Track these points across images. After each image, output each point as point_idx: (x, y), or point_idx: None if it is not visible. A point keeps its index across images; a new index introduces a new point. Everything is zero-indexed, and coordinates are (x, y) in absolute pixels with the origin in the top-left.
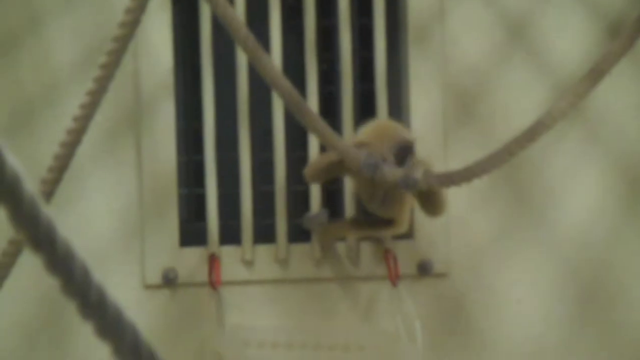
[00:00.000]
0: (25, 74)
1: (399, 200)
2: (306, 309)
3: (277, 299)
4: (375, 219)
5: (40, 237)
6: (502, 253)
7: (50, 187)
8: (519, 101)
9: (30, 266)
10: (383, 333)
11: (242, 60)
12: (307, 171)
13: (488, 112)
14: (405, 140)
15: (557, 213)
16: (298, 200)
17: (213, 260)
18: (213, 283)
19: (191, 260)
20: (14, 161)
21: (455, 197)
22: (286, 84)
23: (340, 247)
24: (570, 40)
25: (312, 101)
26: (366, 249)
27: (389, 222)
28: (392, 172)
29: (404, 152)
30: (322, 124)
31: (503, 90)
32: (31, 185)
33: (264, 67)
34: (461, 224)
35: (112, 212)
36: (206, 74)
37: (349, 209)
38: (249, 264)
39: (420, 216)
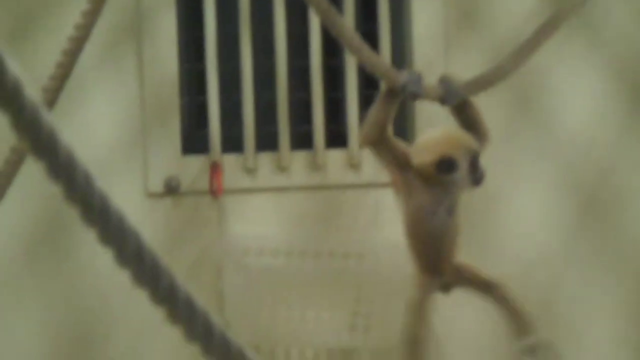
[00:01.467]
0: None
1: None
2: (308, 216)
3: (279, 206)
4: None
5: (42, 143)
6: (505, 159)
7: (52, 95)
8: (520, 7)
9: (32, 174)
10: (383, 241)
11: None
12: (363, 135)
13: (490, 18)
14: (474, 151)
15: (560, 118)
16: (300, 108)
17: (215, 169)
18: (214, 191)
19: (193, 169)
20: (15, 68)
21: None
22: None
23: (341, 154)
24: None
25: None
26: (369, 156)
27: None
28: (433, 87)
29: (475, 163)
30: (358, 40)
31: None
32: (33, 92)
33: None
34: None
35: (114, 120)
36: None
37: (352, 116)
38: (251, 171)
39: (421, 119)
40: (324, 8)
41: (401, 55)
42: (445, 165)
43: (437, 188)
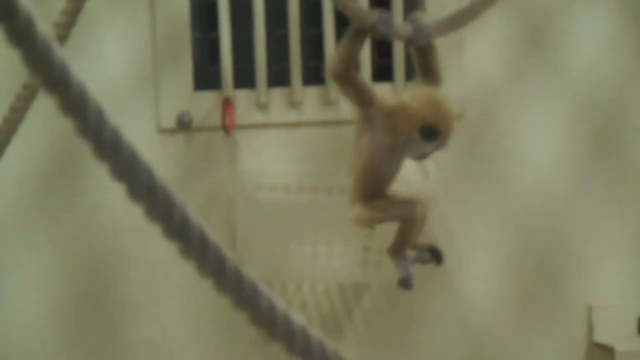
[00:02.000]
0: None
1: None
2: (320, 152)
3: (291, 142)
4: None
5: (54, 78)
6: (516, 94)
7: (64, 30)
8: None
9: (45, 110)
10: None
11: None
12: (330, 69)
13: None
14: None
15: (570, 54)
16: (312, 43)
17: (227, 104)
18: (226, 127)
19: (205, 104)
20: (26, 2)
21: (469, 39)
22: None
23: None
24: None
25: None
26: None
27: None
28: (403, 27)
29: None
30: None
31: None
32: (44, 27)
33: None
34: (475, 64)
35: (126, 56)
36: None
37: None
38: (263, 107)
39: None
40: None
41: None
42: (427, 132)
43: (399, 136)
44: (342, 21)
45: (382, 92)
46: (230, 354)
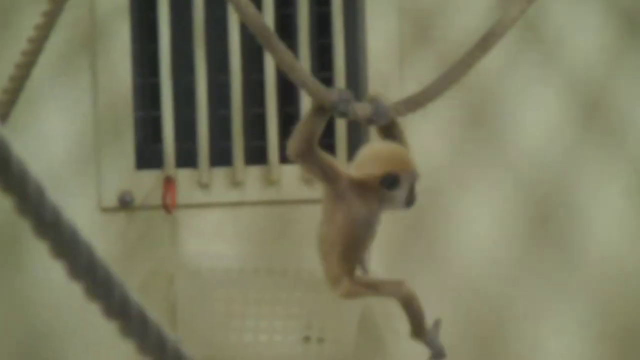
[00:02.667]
0: None
1: None
2: (262, 232)
3: (233, 221)
4: None
5: None
6: (459, 175)
7: (6, 108)
8: (475, 23)
9: None
10: None
11: None
12: (292, 148)
13: (444, 34)
14: (416, 173)
15: (513, 135)
16: (255, 123)
17: (169, 183)
18: (168, 206)
19: (147, 183)
20: None
21: (412, 123)
22: (254, 12)
23: (295, 169)
24: None
25: (268, 23)
26: None
27: None
28: (362, 107)
29: (413, 184)
30: (294, 61)
31: (459, 12)
32: None
33: (244, 12)
34: (419, 148)
35: (68, 134)
36: None
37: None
38: (205, 186)
39: (376, 135)
40: (262, 32)
41: (355, 69)
42: (389, 181)
43: (372, 201)
44: (285, 101)
45: (290, 173)
46: None
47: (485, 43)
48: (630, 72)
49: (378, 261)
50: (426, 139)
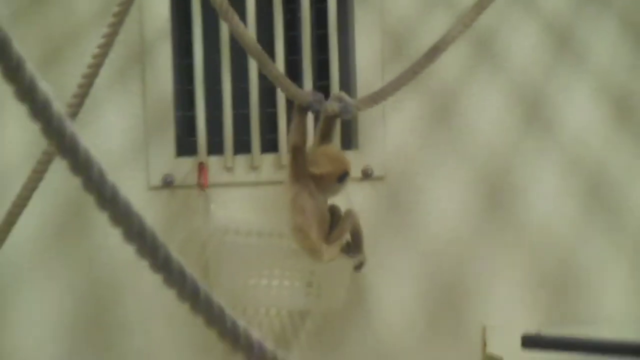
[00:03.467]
0: (56, 21)
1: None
2: (274, 205)
3: (251, 197)
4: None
5: (66, 145)
6: (428, 160)
7: (75, 109)
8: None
9: (59, 170)
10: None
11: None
12: (293, 141)
13: (415, 52)
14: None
15: (469, 128)
16: (268, 120)
17: (202, 167)
18: (201, 185)
19: (185, 168)
20: (45, 87)
21: (390, 116)
22: (250, 38)
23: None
24: None
25: (279, 43)
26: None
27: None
28: (331, 105)
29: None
30: (282, 76)
31: (429, 33)
32: (59, 106)
33: (232, 22)
34: (394, 136)
35: (123, 129)
36: (196, 20)
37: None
38: (230, 170)
39: (363, 130)
40: (256, 53)
41: (347, 79)
42: (343, 177)
43: (326, 189)
44: (291, 103)
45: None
46: None
47: (431, 55)
48: (561, 75)
49: (368, 227)
50: (400, 131)
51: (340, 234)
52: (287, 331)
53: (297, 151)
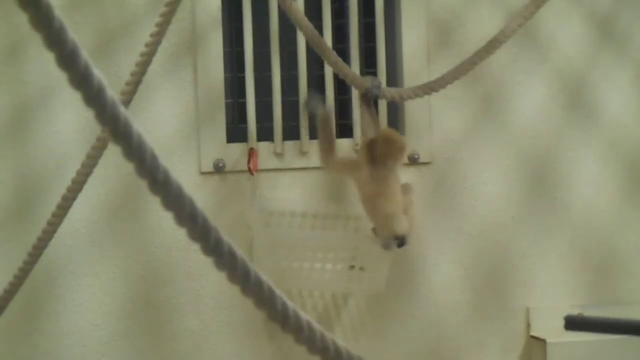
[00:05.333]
0: (110, 11)
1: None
2: (322, 190)
3: (300, 182)
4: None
5: (119, 131)
6: (474, 146)
7: (128, 97)
8: (489, 30)
9: (113, 156)
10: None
11: (273, 2)
12: (325, 166)
13: (463, 40)
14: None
15: (513, 115)
16: None
17: (252, 153)
18: (251, 170)
19: (235, 153)
20: (99, 75)
21: (437, 103)
22: (308, 24)
23: (348, 142)
24: None
25: (327, 31)
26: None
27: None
28: (390, 91)
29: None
30: (337, 58)
31: (475, 22)
32: (113, 93)
33: (291, 10)
34: (441, 123)
35: (175, 116)
36: (246, 9)
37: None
38: (279, 155)
39: (409, 117)
40: (315, 40)
41: (393, 68)
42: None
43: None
44: (340, 90)
45: (344, 145)
46: (253, 341)
47: (489, 48)
48: (603, 67)
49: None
50: (446, 118)
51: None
52: (330, 313)
53: (371, 140)
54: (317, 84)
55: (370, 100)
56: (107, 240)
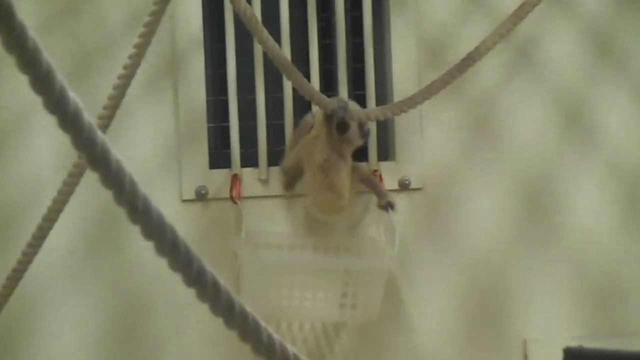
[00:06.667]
0: (86, 32)
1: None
2: (308, 218)
3: (285, 210)
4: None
5: (97, 156)
6: (467, 170)
7: (106, 121)
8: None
9: (91, 183)
10: (365, 238)
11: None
12: (285, 167)
13: (453, 59)
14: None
15: (508, 137)
16: None
17: (235, 179)
18: (234, 198)
19: (218, 180)
20: (75, 98)
21: (428, 126)
22: (272, 42)
23: None
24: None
25: (313, 51)
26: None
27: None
28: (356, 112)
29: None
30: (306, 83)
31: (467, 40)
32: (90, 118)
33: (254, 28)
34: (433, 147)
35: (156, 141)
36: (229, 30)
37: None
38: (264, 182)
39: (400, 141)
40: (281, 62)
41: (383, 88)
42: (340, 127)
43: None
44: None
45: None
46: None
47: (463, 65)
48: (602, 87)
49: (405, 237)
50: (438, 141)
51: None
52: (321, 346)
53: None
54: (302, 106)
55: (333, 123)
56: (85, 271)
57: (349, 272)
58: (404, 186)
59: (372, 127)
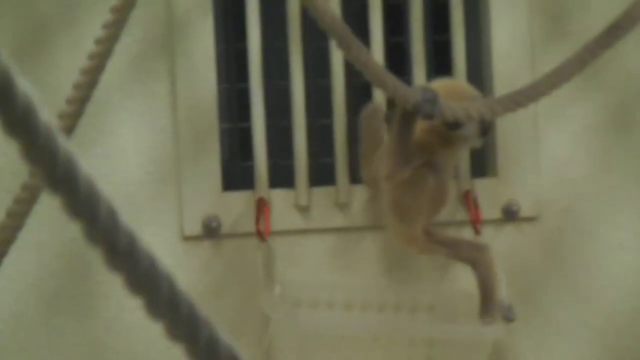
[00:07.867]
0: None
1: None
2: (370, 262)
3: (337, 250)
4: None
5: (58, 174)
6: (602, 190)
7: (71, 121)
8: (618, 11)
9: (48, 212)
10: (458, 291)
11: None
12: (393, 175)
13: (582, 27)
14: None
15: None
16: None
17: (261, 206)
18: (261, 232)
19: (236, 207)
20: (27, 88)
21: (546, 127)
22: (337, 22)
23: None
24: None
25: (375, 16)
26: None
27: None
28: (451, 108)
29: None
30: (377, 65)
31: (602, 3)
32: (48, 116)
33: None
34: (553, 159)
35: (144, 150)
36: None
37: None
38: (303, 209)
39: (505, 150)
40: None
41: (479, 70)
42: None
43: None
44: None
45: None
46: None
47: (604, 39)
48: None
49: (511, 292)
50: (562, 149)
51: (451, 245)
52: None
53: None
54: (359, 97)
55: (411, 122)
56: (40, 343)
57: (433, 344)
58: (510, 214)
59: None
